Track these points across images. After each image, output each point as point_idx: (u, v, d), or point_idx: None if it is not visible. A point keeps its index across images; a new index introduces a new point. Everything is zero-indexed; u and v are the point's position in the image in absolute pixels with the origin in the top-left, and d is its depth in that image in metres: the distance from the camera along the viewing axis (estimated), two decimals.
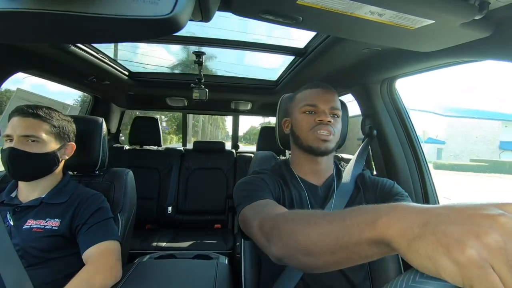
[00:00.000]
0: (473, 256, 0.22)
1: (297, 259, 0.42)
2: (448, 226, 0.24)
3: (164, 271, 0.82)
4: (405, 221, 0.28)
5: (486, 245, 0.22)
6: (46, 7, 0.28)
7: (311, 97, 0.74)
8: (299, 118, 0.74)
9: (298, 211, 0.50)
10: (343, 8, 0.50)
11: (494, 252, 0.22)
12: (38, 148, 0.78)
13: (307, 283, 0.69)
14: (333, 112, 0.73)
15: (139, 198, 1.12)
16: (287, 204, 0.71)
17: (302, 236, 0.40)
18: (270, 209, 0.56)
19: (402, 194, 0.69)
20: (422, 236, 0.25)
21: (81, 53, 1.13)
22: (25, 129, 0.77)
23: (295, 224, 0.43)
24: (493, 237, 0.22)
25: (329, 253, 0.36)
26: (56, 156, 0.83)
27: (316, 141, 0.71)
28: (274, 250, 0.46)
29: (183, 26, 0.31)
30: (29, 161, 0.77)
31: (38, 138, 0.78)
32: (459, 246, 0.23)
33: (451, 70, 5.46)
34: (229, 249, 1.63)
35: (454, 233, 0.23)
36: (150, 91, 1.96)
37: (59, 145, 0.84)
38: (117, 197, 0.99)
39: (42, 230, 0.77)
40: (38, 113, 0.79)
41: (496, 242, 0.22)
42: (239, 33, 1.25)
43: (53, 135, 0.82)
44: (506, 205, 0.24)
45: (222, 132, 34.51)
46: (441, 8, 0.50)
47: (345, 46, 0.89)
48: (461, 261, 0.22)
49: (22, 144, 0.76)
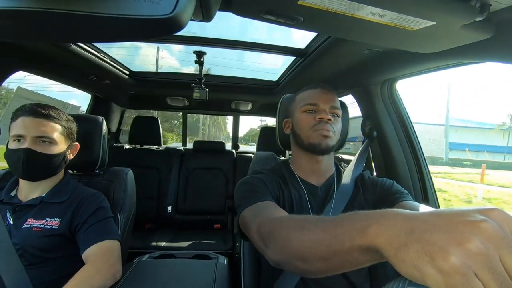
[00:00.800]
0: (456, 264, 0.22)
1: (292, 265, 0.43)
2: (433, 234, 0.25)
3: (164, 271, 0.82)
4: (393, 229, 0.28)
5: (468, 252, 0.22)
6: (47, 6, 0.28)
7: (311, 97, 0.75)
8: (300, 118, 0.75)
9: (293, 216, 0.51)
10: (344, 9, 0.50)
11: (476, 258, 0.22)
12: (51, 149, 0.79)
13: (307, 283, 0.69)
14: (333, 111, 0.73)
15: (139, 198, 1.12)
16: (286, 205, 0.71)
17: (296, 242, 0.41)
18: (269, 213, 0.56)
19: (402, 192, 0.69)
20: (408, 245, 0.26)
21: (81, 52, 1.13)
22: (39, 130, 0.77)
23: (290, 229, 0.44)
24: (474, 244, 0.22)
25: (322, 259, 0.37)
26: (65, 156, 0.85)
27: (317, 137, 0.71)
28: (271, 255, 0.47)
29: (184, 26, 0.31)
30: (42, 162, 0.78)
31: (51, 139, 0.79)
32: (442, 254, 0.23)
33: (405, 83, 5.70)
34: (229, 249, 1.63)
35: (438, 241, 0.24)
36: (151, 90, 1.96)
37: (67, 145, 0.85)
38: (117, 196, 0.99)
39: (42, 230, 0.77)
40: (50, 114, 0.80)
41: (478, 249, 0.22)
42: (240, 33, 1.25)
43: (63, 136, 0.83)
44: (489, 211, 0.25)
45: (224, 133, 34.58)
46: (442, 10, 0.50)
47: (346, 47, 0.89)
48: (445, 269, 0.23)
49: (35, 145, 0.77)
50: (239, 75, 1.86)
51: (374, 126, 1.15)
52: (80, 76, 1.43)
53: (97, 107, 1.94)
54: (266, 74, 1.86)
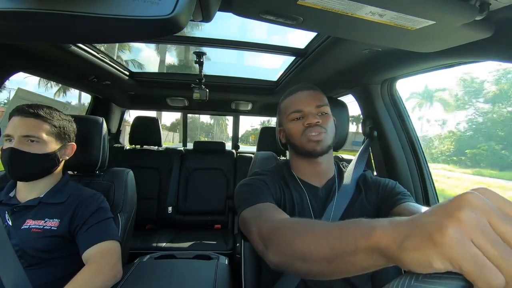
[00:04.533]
0: (452, 234, 0.24)
1: (294, 267, 0.42)
2: (428, 217, 0.27)
3: (164, 271, 0.81)
4: (397, 229, 0.29)
5: (461, 222, 0.24)
6: (47, 7, 0.28)
7: (294, 103, 0.74)
8: (290, 127, 0.75)
9: (296, 219, 0.51)
10: (343, 8, 0.50)
11: (470, 226, 0.23)
12: (39, 149, 0.78)
13: (308, 284, 0.69)
14: (319, 111, 0.72)
15: (140, 198, 1.12)
16: (288, 206, 0.71)
17: (299, 244, 0.41)
18: (269, 215, 0.56)
19: (404, 194, 0.69)
20: (410, 234, 0.27)
21: (81, 53, 1.13)
22: (26, 129, 0.77)
23: (292, 231, 0.44)
24: (464, 213, 0.24)
25: (325, 261, 0.37)
26: (56, 156, 0.83)
27: (309, 143, 0.71)
28: (272, 257, 0.47)
29: (184, 27, 0.31)
30: (29, 162, 0.77)
31: (38, 138, 0.78)
32: (439, 229, 0.25)
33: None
34: (229, 250, 1.63)
35: (433, 220, 0.26)
36: (151, 91, 1.96)
37: (59, 145, 0.84)
38: (117, 197, 0.99)
39: (41, 231, 0.77)
40: (39, 113, 0.79)
41: (469, 217, 0.24)
42: (239, 34, 1.25)
43: (53, 136, 0.82)
44: (473, 189, 0.26)
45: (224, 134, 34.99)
46: (442, 9, 0.49)
47: (346, 46, 0.89)
48: (444, 242, 0.24)
49: (22, 144, 0.76)
50: (239, 75, 1.86)
51: (374, 125, 1.15)
52: (80, 77, 1.43)
53: (97, 107, 1.94)
54: (266, 74, 1.86)
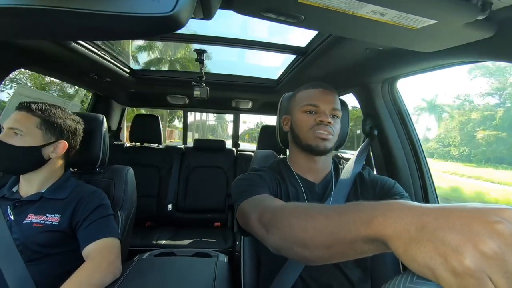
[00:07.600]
0: (470, 266, 0.22)
1: (293, 251, 0.43)
2: (446, 234, 0.24)
3: (164, 269, 0.82)
4: (402, 222, 0.27)
5: (483, 254, 0.22)
6: (47, 4, 0.28)
7: (312, 97, 0.74)
8: (300, 118, 0.74)
9: (297, 204, 0.51)
10: (345, 7, 0.50)
11: (491, 261, 0.22)
12: (19, 141, 0.77)
13: (306, 281, 0.69)
14: (333, 113, 0.73)
15: (139, 196, 1.13)
16: (284, 200, 0.71)
17: (299, 229, 0.41)
18: (269, 202, 0.56)
19: (402, 195, 0.69)
20: (420, 242, 0.25)
21: (82, 50, 1.12)
22: (12, 122, 0.77)
23: (292, 216, 0.44)
24: (490, 246, 0.22)
25: (325, 247, 0.37)
26: (38, 151, 0.79)
27: (315, 139, 0.71)
28: (272, 241, 0.47)
29: (185, 24, 0.31)
30: (9, 154, 0.76)
31: (21, 131, 0.77)
32: (456, 256, 0.22)
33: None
34: (229, 248, 1.63)
35: (452, 241, 0.23)
36: (151, 88, 1.95)
37: (46, 141, 0.81)
38: (117, 194, 0.99)
39: (42, 225, 0.78)
40: (30, 106, 0.79)
41: (493, 251, 0.22)
42: (240, 31, 1.24)
43: (40, 130, 0.80)
44: (504, 211, 0.24)
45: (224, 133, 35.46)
46: (444, 8, 0.49)
47: (347, 45, 0.89)
48: (459, 271, 0.22)
49: (7, 136, 0.76)
50: (239, 73, 1.86)
51: (374, 124, 1.15)
52: (80, 74, 1.43)
53: (98, 105, 1.94)
54: (266, 73, 1.85)
